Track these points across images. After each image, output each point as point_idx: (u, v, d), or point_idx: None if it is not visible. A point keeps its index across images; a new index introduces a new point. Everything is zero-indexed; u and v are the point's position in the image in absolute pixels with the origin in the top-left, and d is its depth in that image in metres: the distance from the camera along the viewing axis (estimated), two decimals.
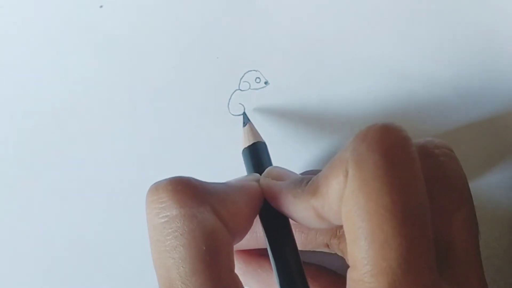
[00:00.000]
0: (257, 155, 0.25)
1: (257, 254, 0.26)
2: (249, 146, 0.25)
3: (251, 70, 0.28)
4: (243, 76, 0.28)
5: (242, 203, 0.21)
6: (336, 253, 0.24)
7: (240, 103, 0.28)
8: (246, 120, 0.27)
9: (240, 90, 0.28)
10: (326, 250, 0.25)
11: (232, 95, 0.28)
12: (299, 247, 0.22)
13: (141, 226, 0.28)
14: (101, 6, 0.29)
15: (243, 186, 0.22)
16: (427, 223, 0.18)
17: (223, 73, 0.28)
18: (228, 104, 0.28)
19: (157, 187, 0.19)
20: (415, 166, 0.18)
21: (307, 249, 0.25)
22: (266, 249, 0.22)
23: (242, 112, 0.28)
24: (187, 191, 0.19)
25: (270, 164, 0.25)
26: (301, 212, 0.20)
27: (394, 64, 0.28)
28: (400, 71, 0.28)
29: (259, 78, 0.28)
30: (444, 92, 0.28)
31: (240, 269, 0.26)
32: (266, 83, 0.28)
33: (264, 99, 0.28)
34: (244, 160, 0.26)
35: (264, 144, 0.26)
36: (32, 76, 0.29)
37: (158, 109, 0.29)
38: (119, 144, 0.29)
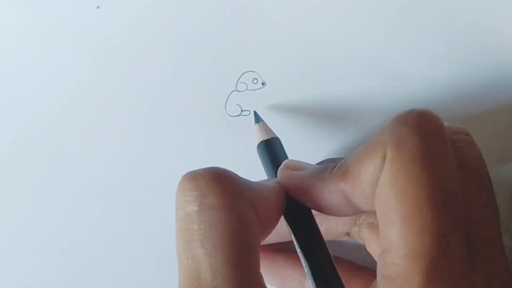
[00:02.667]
0: (273, 151, 0.25)
1: (270, 249, 0.26)
2: (264, 142, 0.25)
3: (248, 71, 0.28)
4: (240, 77, 0.28)
5: (273, 200, 0.21)
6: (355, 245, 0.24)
7: (237, 104, 0.28)
8: (258, 118, 0.27)
9: (237, 91, 0.28)
10: (346, 238, 0.25)
11: (229, 96, 0.28)
12: None
13: (139, 226, 0.28)
14: (98, 7, 0.29)
15: (270, 184, 0.22)
16: (461, 209, 0.18)
17: (220, 74, 0.28)
18: (225, 105, 0.28)
19: (194, 175, 0.19)
20: (450, 153, 0.18)
21: (328, 240, 0.24)
22: (279, 244, 0.21)
23: (239, 113, 0.28)
24: (227, 182, 0.19)
25: (287, 158, 0.25)
26: (328, 197, 0.20)
27: (391, 65, 0.28)
28: (397, 72, 0.28)
29: (256, 79, 0.28)
30: (441, 93, 0.28)
31: None
32: (263, 84, 0.28)
33: (261, 100, 0.28)
34: (260, 157, 0.25)
35: (278, 139, 0.26)
36: (28, 77, 0.29)
37: (155, 110, 0.29)
38: (115, 145, 0.29)
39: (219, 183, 0.18)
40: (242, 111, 0.28)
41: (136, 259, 0.28)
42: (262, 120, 0.27)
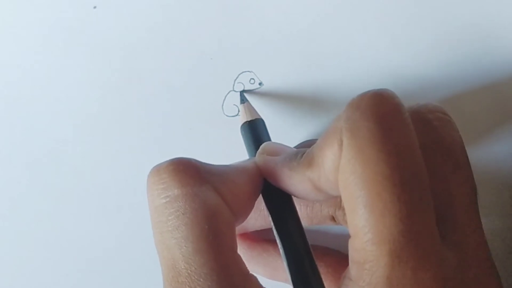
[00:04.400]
0: (256, 132, 0.25)
1: (260, 238, 0.26)
2: (247, 123, 0.25)
3: (245, 71, 0.28)
4: (237, 77, 0.28)
5: (243, 182, 0.21)
6: (340, 240, 0.24)
7: (234, 104, 0.28)
8: (244, 99, 0.27)
9: (234, 91, 0.28)
10: (332, 223, 0.24)
11: (226, 96, 0.28)
12: (305, 222, 0.22)
13: (138, 227, 0.28)
14: (94, 7, 0.29)
15: (243, 166, 0.22)
16: (426, 188, 0.17)
17: (217, 74, 0.28)
18: (222, 105, 0.28)
19: (158, 169, 0.19)
20: (409, 132, 0.18)
21: (314, 224, 0.24)
22: (269, 233, 0.21)
23: (236, 113, 0.28)
24: (189, 171, 0.19)
25: (269, 140, 0.25)
26: (298, 185, 0.20)
27: (389, 65, 0.28)
28: (395, 72, 0.28)
29: (253, 79, 0.28)
30: (440, 92, 0.28)
31: (245, 254, 0.25)
32: (260, 84, 0.28)
33: (259, 100, 0.28)
34: (243, 137, 0.25)
35: (262, 121, 0.26)
36: (24, 77, 0.29)
37: (152, 110, 0.28)
38: (113, 145, 0.28)
39: (180, 174, 0.19)
40: (239, 111, 0.28)
41: (135, 259, 0.28)
42: (248, 101, 0.27)
